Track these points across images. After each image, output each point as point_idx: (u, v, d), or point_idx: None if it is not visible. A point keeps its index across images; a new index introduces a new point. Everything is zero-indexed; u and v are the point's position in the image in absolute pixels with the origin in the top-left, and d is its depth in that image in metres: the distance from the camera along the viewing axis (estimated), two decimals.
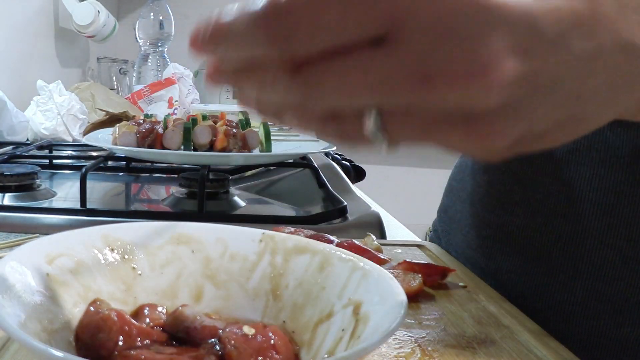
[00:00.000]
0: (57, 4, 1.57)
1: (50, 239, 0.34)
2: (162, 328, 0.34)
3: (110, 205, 0.80)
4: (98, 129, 1.04)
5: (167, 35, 1.73)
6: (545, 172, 0.55)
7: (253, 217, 0.70)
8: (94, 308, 0.32)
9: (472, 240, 0.64)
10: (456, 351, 0.41)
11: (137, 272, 0.37)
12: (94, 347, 0.30)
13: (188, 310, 0.34)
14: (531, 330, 0.45)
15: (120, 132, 0.81)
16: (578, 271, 0.52)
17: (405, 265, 0.54)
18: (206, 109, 1.43)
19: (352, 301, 0.34)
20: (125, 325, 0.31)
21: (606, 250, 0.51)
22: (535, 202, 0.56)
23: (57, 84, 1.12)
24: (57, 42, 1.61)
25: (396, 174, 2.63)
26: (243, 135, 0.84)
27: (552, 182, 0.55)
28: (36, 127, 1.10)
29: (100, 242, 0.36)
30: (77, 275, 0.34)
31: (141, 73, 1.70)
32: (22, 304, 0.29)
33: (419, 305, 0.49)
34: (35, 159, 0.93)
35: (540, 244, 0.55)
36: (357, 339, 0.31)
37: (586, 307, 0.52)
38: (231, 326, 0.32)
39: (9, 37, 1.33)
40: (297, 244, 0.38)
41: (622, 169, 0.50)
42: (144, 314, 0.35)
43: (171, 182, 0.91)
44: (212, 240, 0.39)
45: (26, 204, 0.70)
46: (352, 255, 0.36)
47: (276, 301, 0.37)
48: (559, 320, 0.53)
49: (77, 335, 0.31)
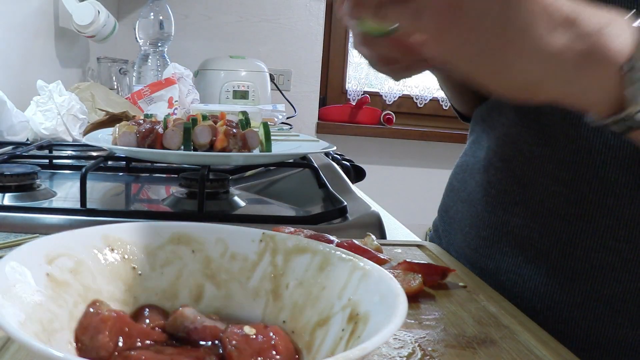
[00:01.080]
0: (57, 4, 1.57)
1: (50, 239, 0.34)
2: (162, 329, 0.34)
3: (110, 205, 0.80)
4: (98, 129, 1.04)
5: (167, 35, 1.73)
6: (545, 172, 0.55)
7: (253, 217, 0.70)
8: (93, 309, 0.32)
9: (472, 240, 0.64)
10: (456, 351, 0.41)
11: (137, 272, 0.37)
12: (93, 348, 0.30)
13: (188, 311, 0.34)
14: (531, 330, 0.45)
15: (120, 132, 0.81)
16: (577, 272, 0.52)
17: (405, 265, 0.54)
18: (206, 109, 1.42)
19: (352, 301, 0.34)
20: (125, 326, 0.31)
21: (606, 252, 0.51)
22: (535, 203, 0.56)
23: (57, 84, 1.12)
24: (57, 42, 1.61)
25: (396, 174, 2.63)
26: (243, 135, 0.84)
27: (551, 183, 0.55)
28: (36, 127, 1.10)
29: (100, 242, 0.36)
30: (77, 275, 0.34)
31: (141, 73, 1.71)
32: (22, 304, 0.29)
33: (419, 305, 0.49)
34: (35, 159, 0.93)
35: (540, 245, 0.55)
36: (357, 339, 0.31)
37: (585, 309, 0.52)
38: (232, 326, 0.32)
39: (9, 37, 1.33)
40: (297, 244, 0.38)
41: (622, 170, 0.50)
42: (144, 315, 0.35)
43: (171, 182, 0.91)
44: (212, 240, 0.39)
45: (26, 204, 0.70)
46: (352, 255, 0.36)
47: (276, 301, 0.37)
48: (557, 321, 0.53)
49: (76, 337, 0.31)
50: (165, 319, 0.35)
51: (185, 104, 1.49)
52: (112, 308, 0.33)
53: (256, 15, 2.36)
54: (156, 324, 0.34)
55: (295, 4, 2.39)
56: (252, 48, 2.33)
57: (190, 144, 0.82)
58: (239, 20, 2.35)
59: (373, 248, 0.58)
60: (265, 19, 2.37)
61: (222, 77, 1.98)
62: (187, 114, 1.27)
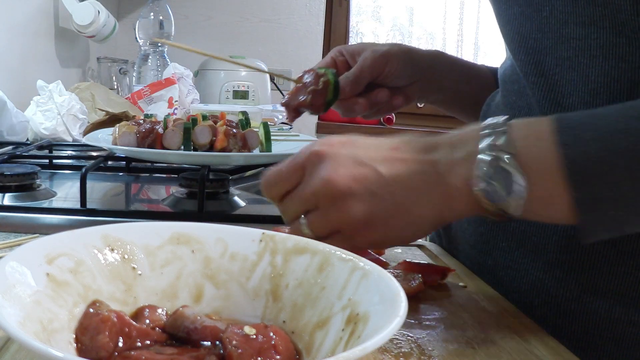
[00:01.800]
0: (57, 4, 1.57)
1: (50, 239, 0.34)
2: (162, 329, 0.34)
3: (110, 205, 0.80)
4: (98, 129, 1.04)
5: (167, 35, 1.73)
6: None
7: (253, 217, 0.70)
8: (93, 309, 0.32)
9: (470, 237, 0.64)
10: (456, 351, 0.41)
11: (137, 272, 0.37)
12: (93, 349, 0.30)
13: (188, 311, 0.34)
14: (531, 330, 0.45)
15: (120, 132, 0.81)
16: (573, 266, 0.52)
17: (405, 265, 0.54)
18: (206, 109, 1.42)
19: (352, 301, 0.34)
20: (124, 326, 0.31)
21: (601, 245, 0.51)
22: None
23: (57, 84, 1.12)
24: (57, 42, 1.61)
25: None
26: (243, 135, 0.84)
27: None
28: (36, 127, 1.10)
29: (100, 242, 0.36)
30: (77, 275, 0.34)
31: (141, 73, 1.70)
32: (22, 304, 0.29)
33: (419, 305, 0.49)
34: (35, 159, 0.93)
35: (537, 239, 0.55)
36: (357, 339, 0.31)
37: (582, 303, 0.52)
38: (232, 327, 0.32)
39: (9, 37, 1.33)
40: (297, 244, 0.38)
41: None
42: (144, 315, 0.35)
43: (171, 182, 0.91)
44: (212, 240, 0.39)
45: (26, 204, 0.70)
46: (352, 256, 0.36)
47: (276, 301, 0.37)
48: (555, 315, 0.53)
49: (76, 337, 0.31)
50: (165, 319, 0.35)
51: (185, 104, 1.49)
52: (112, 308, 0.33)
53: (256, 15, 2.36)
54: (156, 324, 0.34)
55: (295, 4, 2.39)
56: (252, 48, 2.33)
57: (190, 144, 0.81)
58: (239, 20, 2.35)
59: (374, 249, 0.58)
60: (265, 19, 2.37)
61: (222, 77, 1.98)
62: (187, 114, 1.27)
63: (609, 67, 0.49)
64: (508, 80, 0.62)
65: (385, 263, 0.57)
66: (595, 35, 0.49)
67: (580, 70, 0.50)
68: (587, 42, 0.50)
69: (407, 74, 0.73)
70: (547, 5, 0.52)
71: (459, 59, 0.80)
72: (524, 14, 0.54)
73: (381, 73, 0.72)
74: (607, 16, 0.48)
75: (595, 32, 0.49)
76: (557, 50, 0.52)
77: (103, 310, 0.32)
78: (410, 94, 0.76)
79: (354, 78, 0.71)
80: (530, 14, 0.54)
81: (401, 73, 0.72)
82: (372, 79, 0.72)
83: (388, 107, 0.76)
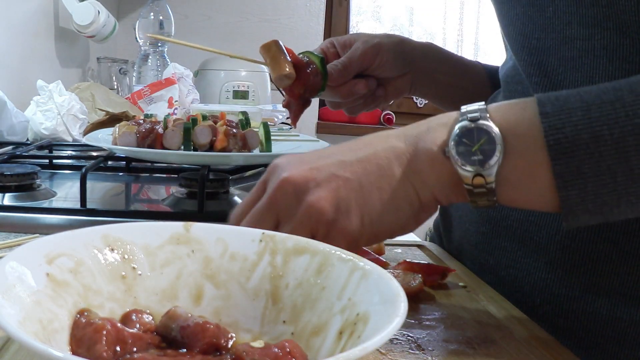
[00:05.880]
0: (57, 4, 1.57)
1: (50, 239, 0.34)
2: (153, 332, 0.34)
3: (110, 205, 0.80)
4: (98, 129, 1.04)
5: (167, 35, 1.73)
6: None
7: None
8: (84, 319, 0.32)
9: (472, 236, 0.64)
10: (456, 351, 0.41)
11: (137, 272, 0.37)
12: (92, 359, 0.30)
13: (180, 310, 0.34)
14: (531, 330, 0.45)
15: (120, 132, 0.81)
16: (575, 265, 0.52)
17: (405, 265, 0.55)
18: (206, 109, 1.42)
19: (352, 301, 0.34)
20: (118, 333, 0.31)
21: (603, 244, 0.51)
22: None
23: (57, 84, 1.12)
24: (57, 42, 1.61)
25: None
26: (243, 135, 0.84)
27: None
28: (36, 127, 1.10)
29: (100, 242, 0.36)
30: (77, 275, 0.34)
31: (141, 73, 1.70)
32: (22, 304, 0.29)
33: (419, 305, 0.49)
34: (35, 159, 0.93)
35: (539, 239, 0.55)
36: (357, 339, 0.31)
37: (584, 302, 0.52)
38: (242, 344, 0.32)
39: (9, 37, 1.33)
40: (296, 244, 0.38)
41: None
42: (133, 320, 0.34)
43: (171, 182, 0.91)
44: (212, 240, 0.39)
45: (26, 204, 0.70)
46: (352, 256, 0.36)
47: (276, 301, 0.37)
48: (557, 315, 0.53)
49: (72, 350, 0.31)
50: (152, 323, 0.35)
51: (185, 104, 1.49)
52: (101, 316, 0.33)
53: (256, 15, 2.36)
54: (147, 327, 0.34)
55: (295, 4, 2.39)
56: (252, 48, 2.32)
57: (190, 144, 0.81)
58: (239, 20, 2.35)
59: (374, 249, 0.58)
60: (265, 19, 2.37)
61: (222, 77, 1.98)
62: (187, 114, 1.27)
63: (613, 68, 0.49)
64: (511, 81, 0.62)
65: (385, 263, 0.57)
66: (599, 36, 0.49)
67: (584, 71, 0.50)
68: (591, 42, 0.49)
69: (398, 65, 0.73)
70: (550, 6, 0.52)
71: (452, 53, 0.79)
72: (527, 14, 0.54)
73: (372, 64, 0.72)
74: (611, 17, 0.48)
75: (599, 32, 0.49)
76: (561, 51, 0.52)
77: (95, 319, 0.31)
78: (402, 86, 0.75)
79: (342, 67, 0.71)
80: (533, 14, 0.54)
81: (392, 64, 0.72)
82: (362, 70, 0.72)
83: (372, 99, 0.76)
